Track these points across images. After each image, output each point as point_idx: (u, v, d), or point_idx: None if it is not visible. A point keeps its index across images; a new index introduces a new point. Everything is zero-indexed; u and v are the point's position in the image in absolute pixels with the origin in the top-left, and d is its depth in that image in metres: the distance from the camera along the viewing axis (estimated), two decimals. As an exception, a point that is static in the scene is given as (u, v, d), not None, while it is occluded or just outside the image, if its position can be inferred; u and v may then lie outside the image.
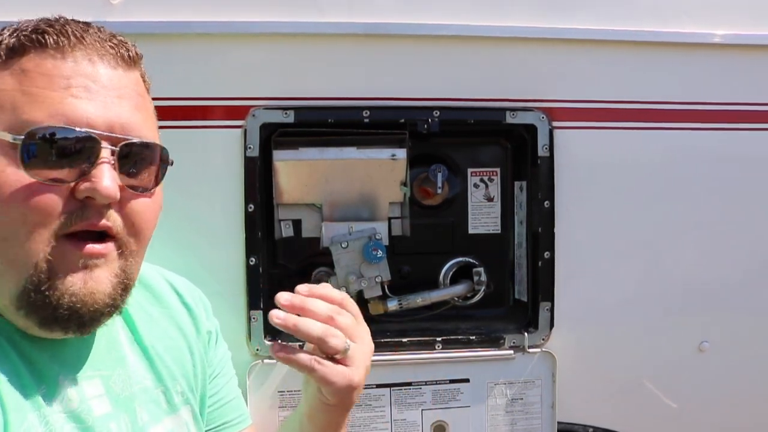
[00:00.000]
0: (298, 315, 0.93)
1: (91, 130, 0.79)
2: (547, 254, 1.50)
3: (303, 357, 0.91)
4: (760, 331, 1.60)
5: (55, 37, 0.80)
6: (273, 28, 1.35)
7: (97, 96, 0.80)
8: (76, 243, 0.79)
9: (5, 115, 0.78)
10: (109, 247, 0.82)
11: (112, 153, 0.80)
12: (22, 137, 0.76)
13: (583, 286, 1.52)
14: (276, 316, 0.91)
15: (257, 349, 1.42)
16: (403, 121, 1.43)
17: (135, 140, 0.82)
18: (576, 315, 1.52)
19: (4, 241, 0.77)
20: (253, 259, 1.39)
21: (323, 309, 0.94)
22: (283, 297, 0.93)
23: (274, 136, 1.41)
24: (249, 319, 1.41)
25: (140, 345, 1.00)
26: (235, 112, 1.37)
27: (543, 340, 1.52)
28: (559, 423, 1.54)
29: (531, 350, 1.52)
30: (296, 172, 1.43)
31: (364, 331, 0.99)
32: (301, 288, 0.96)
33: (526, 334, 1.51)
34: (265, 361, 1.42)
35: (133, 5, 1.30)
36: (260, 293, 1.40)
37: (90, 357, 0.91)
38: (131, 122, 0.83)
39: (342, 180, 1.44)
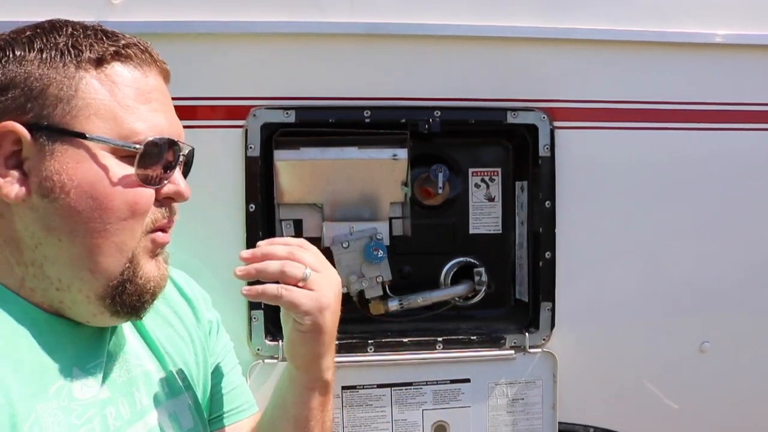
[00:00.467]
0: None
1: (177, 140, 0.91)
2: (548, 254, 1.50)
3: (270, 287, 0.97)
4: (761, 331, 1.60)
5: (137, 53, 0.89)
6: (274, 28, 1.35)
7: (166, 109, 0.91)
8: (155, 236, 0.91)
9: (107, 124, 0.85)
10: (169, 238, 0.94)
11: (180, 159, 0.93)
12: (141, 146, 0.85)
13: (584, 287, 1.52)
14: (238, 269, 0.98)
15: (258, 349, 1.42)
16: (404, 121, 1.43)
17: (189, 147, 0.95)
18: (577, 315, 1.52)
19: (107, 236, 0.85)
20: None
21: (282, 250, 1.01)
22: (244, 252, 1.01)
23: (275, 136, 1.42)
24: (250, 319, 1.41)
25: (141, 332, 1.02)
26: (236, 112, 1.37)
27: (544, 340, 1.52)
28: (560, 423, 1.54)
29: (532, 350, 1.52)
30: (297, 172, 1.43)
31: (326, 264, 1.04)
32: (261, 242, 1.04)
33: (527, 334, 1.51)
34: (266, 360, 1.42)
35: (133, 5, 1.30)
36: (261, 293, 1.40)
37: (99, 348, 0.93)
38: (182, 131, 0.95)
39: (343, 180, 1.44)
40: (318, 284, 0.99)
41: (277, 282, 0.99)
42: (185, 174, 0.98)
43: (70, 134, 0.83)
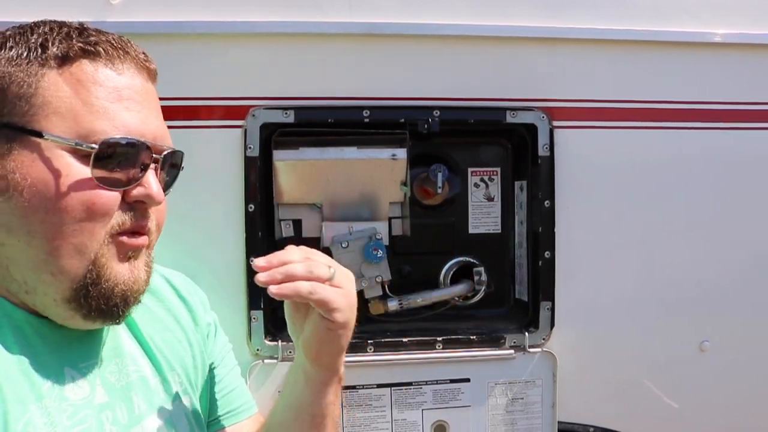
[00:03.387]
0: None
1: (146, 140, 0.87)
2: (547, 254, 1.50)
3: (303, 284, 0.93)
4: (761, 330, 1.60)
5: (107, 49, 0.86)
6: (273, 28, 1.35)
7: (141, 108, 0.87)
8: (124, 238, 0.87)
9: (66, 123, 0.82)
10: (144, 241, 0.90)
11: (155, 161, 0.89)
12: (96, 145, 0.82)
13: (584, 286, 1.52)
14: (260, 275, 0.92)
15: (258, 349, 1.42)
16: (403, 120, 1.43)
17: (171, 150, 0.92)
18: (576, 314, 1.52)
19: (63, 237, 0.82)
20: (253, 259, 1.39)
21: (297, 253, 0.97)
22: (258, 260, 0.95)
23: (274, 136, 1.41)
24: (249, 319, 1.41)
25: (138, 336, 1.01)
26: (235, 112, 1.37)
27: (543, 339, 1.52)
28: (559, 423, 1.54)
29: (531, 350, 1.51)
30: (296, 172, 1.43)
31: (338, 264, 1.02)
32: (262, 258, 0.97)
33: (526, 333, 1.51)
34: (266, 361, 1.42)
35: (132, 5, 1.30)
36: (260, 293, 1.40)
37: (91, 348, 0.92)
38: (164, 133, 0.91)
39: (342, 180, 1.44)
40: (341, 282, 0.97)
41: None
42: (174, 177, 0.96)
43: (27, 132, 0.82)
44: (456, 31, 1.40)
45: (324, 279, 0.95)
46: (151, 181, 0.88)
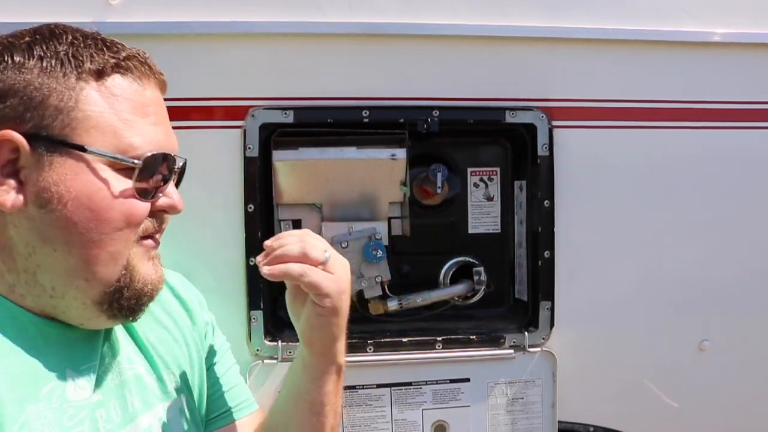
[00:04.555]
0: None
1: (172, 154, 0.93)
2: (547, 253, 1.50)
3: (294, 265, 0.95)
4: (760, 330, 1.60)
5: (137, 65, 0.90)
6: (273, 28, 1.35)
7: (163, 122, 0.92)
8: (148, 241, 0.93)
9: (106, 137, 0.86)
10: (159, 240, 0.96)
11: (174, 172, 0.94)
12: (139, 161, 0.87)
13: (584, 286, 1.52)
14: (259, 257, 0.98)
15: (258, 350, 1.42)
16: (402, 120, 1.43)
17: (182, 159, 0.97)
18: (576, 314, 1.52)
19: (102, 246, 0.86)
20: (253, 260, 1.39)
21: (295, 235, 1.00)
22: (259, 257, 0.99)
23: (273, 136, 1.41)
24: (249, 319, 1.41)
25: (133, 335, 1.02)
26: (235, 112, 1.37)
27: (543, 339, 1.52)
28: (559, 422, 1.54)
29: (531, 350, 1.52)
30: (296, 172, 1.43)
31: (334, 250, 1.04)
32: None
33: (526, 333, 1.51)
34: (266, 361, 1.42)
35: (132, 5, 1.30)
36: (260, 293, 1.40)
37: (93, 349, 0.93)
38: (176, 143, 0.96)
39: (342, 180, 1.44)
40: (335, 267, 0.99)
41: None
42: (178, 183, 0.99)
43: (70, 146, 0.84)
44: (455, 31, 1.40)
45: (318, 262, 0.97)
46: (172, 191, 0.94)
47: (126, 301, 0.90)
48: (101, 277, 0.87)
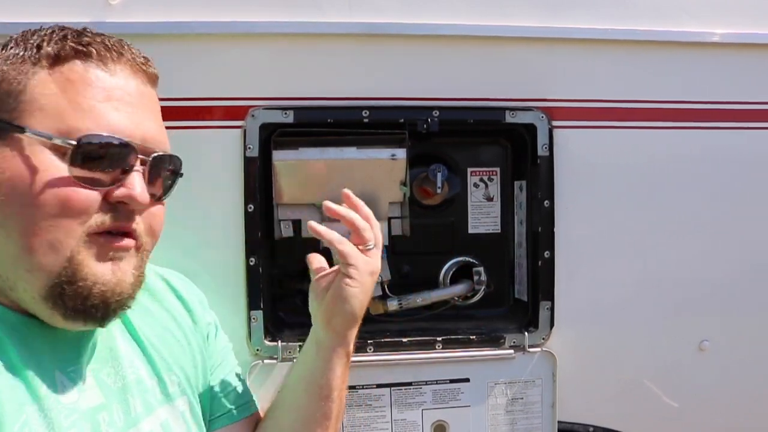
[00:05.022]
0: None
1: (131, 141, 0.86)
2: (546, 254, 1.50)
3: (337, 234, 1.07)
4: (760, 329, 1.60)
5: (100, 50, 0.86)
6: (273, 28, 1.35)
7: (132, 110, 0.87)
8: (106, 237, 0.86)
9: (50, 120, 0.83)
10: (131, 244, 0.89)
11: (143, 163, 0.88)
12: (74, 142, 0.82)
13: (583, 286, 1.52)
14: (327, 202, 1.09)
15: (257, 350, 1.42)
16: (402, 120, 1.43)
17: (163, 153, 0.91)
18: (576, 314, 1.52)
19: (37, 234, 0.82)
20: (253, 260, 1.39)
21: (362, 213, 1.11)
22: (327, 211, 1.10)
23: (273, 136, 1.41)
24: (249, 319, 1.41)
25: (134, 337, 1.01)
26: (235, 113, 1.37)
27: (543, 339, 1.52)
28: (559, 422, 1.54)
29: (531, 350, 1.52)
30: (296, 172, 1.43)
31: (379, 247, 1.13)
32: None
33: (526, 333, 1.51)
34: (266, 361, 1.42)
35: (132, 6, 1.30)
36: (260, 293, 1.40)
37: (86, 350, 0.92)
38: (157, 136, 0.90)
39: (342, 180, 1.44)
40: (373, 253, 1.09)
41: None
42: (173, 183, 0.95)
43: (11, 128, 0.82)
44: (455, 31, 1.40)
45: (365, 243, 1.07)
46: (135, 182, 0.86)
47: (70, 300, 0.84)
48: (41, 269, 0.82)
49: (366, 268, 1.06)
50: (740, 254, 1.57)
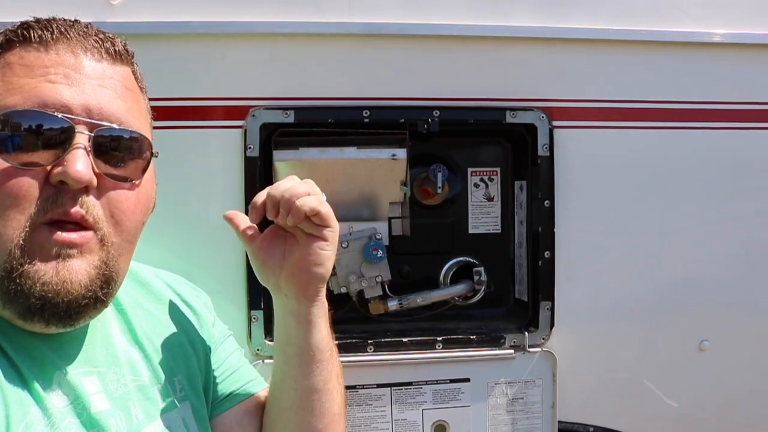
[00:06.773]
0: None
1: (66, 115, 0.79)
2: (547, 254, 1.50)
3: (310, 199, 0.94)
4: (760, 329, 1.60)
5: (39, 32, 0.82)
6: (273, 28, 1.35)
7: (77, 83, 0.81)
8: (50, 230, 0.78)
9: None
10: (86, 237, 0.80)
11: (88, 139, 0.80)
12: None
13: (584, 286, 1.52)
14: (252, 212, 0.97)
15: (258, 349, 1.42)
16: (403, 120, 1.43)
17: (112, 126, 0.82)
18: (576, 314, 1.52)
19: None
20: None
21: (290, 181, 0.99)
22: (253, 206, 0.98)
23: (274, 136, 1.42)
24: (249, 319, 1.41)
25: (136, 341, 0.99)
26: (235, 112, 1.37)
27: (543, 339, 1.52)
28: (559, 422, 1.54)
29: (531, 350, 1.52)
30: (296, 172, 1.41)
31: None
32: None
33: (526, 333, 1.51)
34: (266, 361, 1.41)
35: (133, 6, 1.30)
36: (260, 293, 1.40)
37: (86, 352, 0.91)
38: (111, 108, 0.83)
39: (342, 180, 1.44)
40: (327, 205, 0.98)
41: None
42: (145, 165, 0.88)
43: None
44: (456, 31, 1.40)
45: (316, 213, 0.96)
46: (75, 159, 0.78)
47: (16, 300, 0.77)
48: None
49: (335, 221, 0.97)
50: (740, 254, 1.57)
